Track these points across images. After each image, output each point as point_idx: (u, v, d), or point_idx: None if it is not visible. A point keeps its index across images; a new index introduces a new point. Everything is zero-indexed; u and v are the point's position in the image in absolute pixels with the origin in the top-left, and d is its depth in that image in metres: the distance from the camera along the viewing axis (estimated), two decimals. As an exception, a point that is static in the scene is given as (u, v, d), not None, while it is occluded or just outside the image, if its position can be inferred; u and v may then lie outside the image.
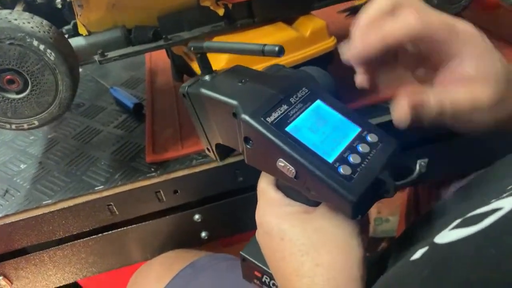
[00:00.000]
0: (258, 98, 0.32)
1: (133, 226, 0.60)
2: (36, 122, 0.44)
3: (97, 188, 0.56)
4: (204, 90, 0.34)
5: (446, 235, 0.21)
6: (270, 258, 0.33)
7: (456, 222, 0.22)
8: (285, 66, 0.39)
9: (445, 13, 0.30)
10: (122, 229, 0.60)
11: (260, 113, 0.30)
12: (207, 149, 0.40)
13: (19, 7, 0.49)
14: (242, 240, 0.48)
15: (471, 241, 0.20)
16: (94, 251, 0.61)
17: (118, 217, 0.58)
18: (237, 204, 0.62)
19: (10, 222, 0.54)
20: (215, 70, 0.37)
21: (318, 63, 0.43)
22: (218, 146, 0.39)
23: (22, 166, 0.62)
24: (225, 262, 0.59)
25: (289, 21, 0.55)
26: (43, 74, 0.41)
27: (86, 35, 0.49)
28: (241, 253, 0.40)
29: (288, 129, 0.30)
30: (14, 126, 0.44)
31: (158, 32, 0.51)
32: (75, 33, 0.51)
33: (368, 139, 0.31)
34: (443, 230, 0.23)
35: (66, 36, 0.50)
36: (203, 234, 0.63)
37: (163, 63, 0.78)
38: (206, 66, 0.36)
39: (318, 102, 0.33)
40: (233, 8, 0.52)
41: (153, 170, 0.57)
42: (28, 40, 0.39)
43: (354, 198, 0.27)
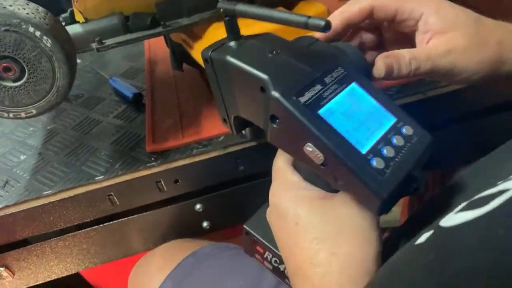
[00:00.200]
0: (290, 74, 0.29)
1: (134, 216, 0.60)
2: (34, 111, 0.44)
3: (97, 178, 0.56)
4: (230, 58, 0.31)
5: (452, 218, 0.21)
6: (282, 241, 0.32)
7: (462, 205, 0.22)
8: (318, 39, 0.36)
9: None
10: (123, 219, 0.59)
11: (292, 91, 0.28)
12: (224, 119, 0.37)
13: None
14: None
15: (478, 224, 0.19)
16: (96, 242, 0.61)
17: (119, 207, 0.57)
18: (238, 193, 0.61)
19: (10, 213, 0.54)
20: (243, 35, 0.33)
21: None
22: (236, 118, 0.36)
23: (22, 157, 0.62)
24: (228, 251, 0.59)
25: (289, 6, 0.54)
26: (40, 61, 0.41)
27: (83, 23, 0.49)
28: (244, 226, 0.39)
29: (321, 112, 0.28)
30: (11, 115, 0.44)
31: (156, 19, 0.50)
32: (72, 20, 0.50)
33: (403, 131, 0.29)
34: (449, 213, 0.22)
35: (63, 23, 0.49)
36: (205, 224, 0.63)
37: (163, 53, 0.77)
38: (234, 31, 0.32)
39: (353, 84, 0.30)
40: (232, -7, 0.51)
41: (153, 159, 0.56)
42: (23, 26, 0.39)
43: (385, 194, 0.26)
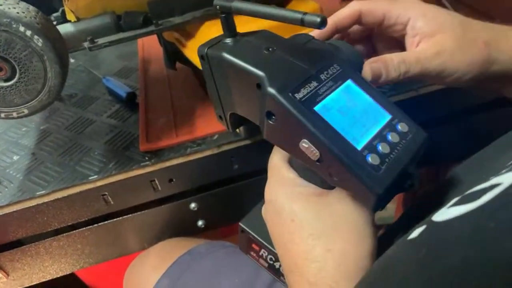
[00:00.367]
0: (286, 71, 0.30)
1: (128, 215, 0.59)
2: (25, 111, 0.43)
3: (91, 178, 0.55)
4: (226, 55, 0.31)
5: (444, 213, 0.21)
6: (277, 238, 0.32)
7: (455, 200, 0.22)
8: (314, 37, 0.36)
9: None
10: (118, 219, 0.59)
11: (288, 88, 0.28)
12: (220, 116, 0.38)
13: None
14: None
15: (469, 218, 0.19)
16: (90, 242, 0.61)
17: (113, 206, 0.57)
18: (233, 192, 0.61)
19: (3, 213, 0.54)
20: (239, 32, 0.33)
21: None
22: (232, 115, 0.36)
23: (15, 158, 0.62)
24: (223, 249, 0.59)
25: (282, 4, 0.54)
26: (31, 61, 0.41)
27: (74, 22, 0.48)
28: (240, 223, 0.39)
29: (316, 108, 0.28)
30: (3, 115, 0.43)
31: (148, 17, 0.50)
32: (64, 19, 0.50)
33: (398, 128, 0.29)
34: (442, 208, 0.22)
35: (55, 23, 0.49)
36: (200, 223, 0.63)
37: (156, 52, 0.77)
38: (230, 28, 0.32)
39: (349, 82, 0.31)
40: (224, -9, 0.51)
41: (147, 159, 0.56)
42: (14, 25, 0.39)
43: (380, 190, 0.26)
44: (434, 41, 0.34)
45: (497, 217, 0.17)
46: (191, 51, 0.54)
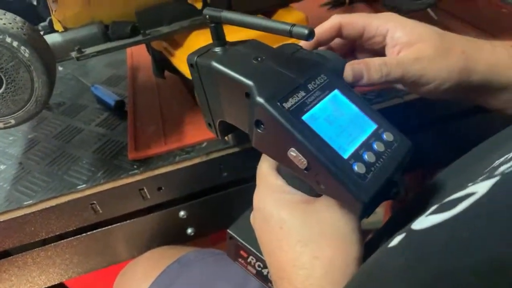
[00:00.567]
0: (275, 81, 0.30)
1: (117, 224, 0.59)
2: (12, 121, 0.43)
3: (79, 187, 0.55)
4: (216, 64, 0.31)
5: (423, 221, 0.21)
6: (265, 245, 0.33)
7: (433, 208, 0.22)
8: (302, 47, 0.37)
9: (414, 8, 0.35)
10: (107, 228, 0.59)
11: (276, 97, 0.29)
12: (209, 124, 0.38)
13: (-8, 4, 0.47)
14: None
15: (445, 227, 0.19)
16: (79, 251, 0.60)
17: (102, 215, 0.57)
18: (222, 199, 0.61)
19: (-10, 224, 0.53)
20: (228, 41, 0.34)
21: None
22: (221, 123, 0.37)
23: (2, 167, 0.61)
24: (212, 257, 0.59)
25: (268, 14, 0.55)
26: (18, 72, 0.41)
27: (62, 32, 0.48)
28: (228, 230, 0.39)
29: (304, 117, 0.28)
30: (-11, 126, 0.43)
31: (136, 27, 0.50)
32: (51, 29, 0.50)
33: (384, 138, 0.30)
34: (421, 216, 0.23)
35: (42, 33, 0.49)
36: (189, 231, 0.63)
37: (145, 60, 0.77)
38: (220, 37, 0.33)
39: (336, 91, 0.31)
40: (211, 1, 0.51)
41: (136, 167, 0.56)
42: (0, 37, 0.39)
43: (366, 199, 0.27)
44: (414, 48, 0.35)
45: (470, 226, 0.18)
46: (179, 60, 0.54)
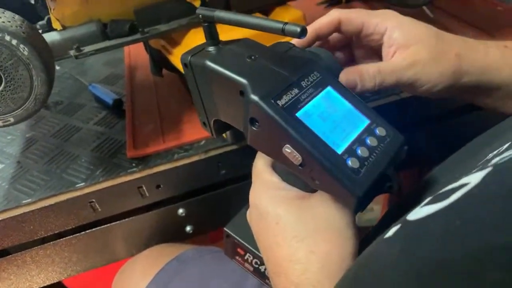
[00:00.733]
0: (268, 79, 0.30)
1: (116, 222, 0.59)
2: (11, 119, 0.43)
3: (78, 185, 0.55)
4: (210, 63, 0.32)
5: (418, 212, 0.22)
6: (262, 241, 0.33)
7: (428, 199, 0.23)
8: (295, 45, 0.37)
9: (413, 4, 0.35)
10: (106, 226, 0.59)
11: (270, 95, 0.29)
12: (204, 123, 0.38)
13: (-10, 3, 0.47)
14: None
15: (439, 216, 0.20)
16: (78, 249, 0.61)
17: (100, 214, 0.57)
18: (221, 197, 0.62)
19: (-11, 223, 0.53)
20: (221, 40, 0.34)
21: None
22: (216, 121, 0.37)
23: (0, 166, 0.61)
24: (210, 254, 0.60)
25: (266, 12, 0.56)
26: (17, 70, 0.41)
27: (60, 30, 0.49)
28: (224, 229, 0.40)
29: (298, 114, 0.29)
30: (-11, 124, 0.43)
31: (135, 25, 0.50)
32: (50, 28, 0.50)
33: (376, 133, 0.30)
34: (416, 208, 0.23)
35: (41, 31, 0.49)
36: (188, 228, 0.63)
37: (142, 59, 0.77)
38: (213, 36, 0.33)
39: (328, 88, 0.31)
40: (210, 0, 0.52)
41: (134, 165, 0.57)
42: (-1, 35, 0.39)
43: (360, 193, 0.27)
44: (409, 52, 0.35)
45: (463, 215, 0.18)
46: (177, 58, 0.54)
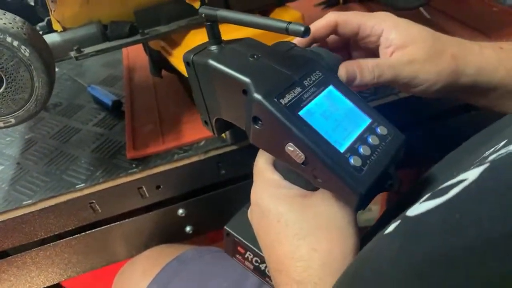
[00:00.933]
0: (271, 78, 0.30)
1: (116, 223, 0.60)
2: (12, 120, 0.44)
3: (78, 186, 0.55)
4: (212, 62, 0.32)
5: (417, 208, 0.22)
6: (263, 239, 0.33)
7: (427, 196, 0.23)
8: (296, 44, 0.37)
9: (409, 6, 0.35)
10: (106, 226, 0.59)
11: (273, 94, 0.29)
12: (205, 122, 0.38)
13: (-10, 5, 0.48)
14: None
15: (437, 211, 0.20)
16: (78, 251, 0.61)
17: (101, 214, 0.57)
18: (220, 197, 0.62)
19: (-11, 224, 0.53)
20: (223, 39, 0.34)
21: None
22: (217, 120, 0.37)
23: (0, 168, 0.61)
24: (210, 254, 0.60)
25: (265, 13, 0.56)
26: (18, 71, 0.41)
27: (61, 31, 0.49)
28: (225, 227, 0.40)
29: (301, 113, 0.29)
30: (-11, 125, 0.43)
31: (135, 27, 0.51)
32: (50, 30, 0.50)
33: (378, 132, 0.31)
34: (415, 204, 0.24)
35: (41, 33, 0.49)
36: (188, 229, 0.64)
37: (141, 60, 0.77)
38: (215, 36, 0.33)
39: (331, 87, 0.32)
40: (209, 1, 0.52)
41: (134, 166, 0.57)
42: (1, 36, 0.39)
43: (363, 191, 0.27)
44: (406, 51, 0.35)
45: (461, 209, 0.19)
46: (177, 59, 0.55)
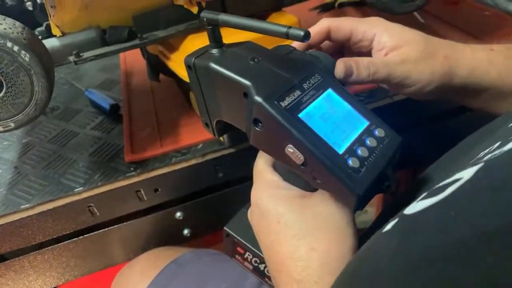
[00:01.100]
0: (271, 81, 0.31)
1: (114, 226, 0.60)
2: (12, 124, 0.44)
3: (76, 190, 0.56)
4: (214, 65, 0.32)
5: (414, 207, 0.23)
6: (263, 239, 0.34)
7: (423, 195, 0.24)
8: (295, 48, 0.38)
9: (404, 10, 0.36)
10: (104, 230, 0.60)
11: (273, 96, 0.30)
12: (206, 124, 0.39)
13: (-11, 10, 0.48)
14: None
15: (434, 209, 0.21)
16: (76, 254, 0.61)
17: (99, 218, 0.58)
18: (218, 200, 0.62)
19: (-13, 228, 0.53)
20: (224, 43, 0.35)
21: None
22: (218, 122, 0.38)
23: (-3, 172, 0.61)
24: (209, 256, 0.60)
25: (262, 18, 0.57)
26: (18, 76, 0.41)
27: (60, 36, 0.49)
28: (225, 228, 0.40)
29: (301, 115, 0.30)
30: (-11, 129, 0.44)
31: (133, 31, 0.51)
32: (48, 34, 0.51)
33: (376, 134, 0.31)
34: (412, 203, 0.24)
35: (40, 37, 0.49)
36: (186, 232, 0.64)
37: (138, 64, 0.78)
38: (217, 39, 0.34)
39: (329, 90, 0.32)
40: (206, 6, 0.53)
41: (132, 169, 0.57)
42: (1, 41, 0.39)
43: (361, 191, 0.28)
44: (400, 51, 0.36)
45: (456, 206, 0.20)
46: (175, 63, 0.55)
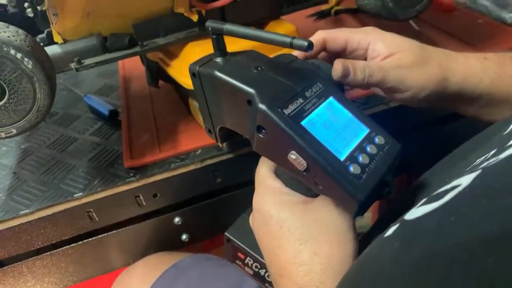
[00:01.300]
0: (275, 89, 0.32)
1: (113, 232, 0.60)
2: (14, 131, 0.44)
3: (76, 195, 0.56)
4: (218, 73, 0.33)
5: (414, 212, 0.24)
6: (265, 244, 0.34)
7: (423, 201, 0.25)
8: (297, 57, 0.39)
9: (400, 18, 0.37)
10: (103, 235, 0.60)
11: (277, 104, 0.30)
12: (209, 130, 0.40)
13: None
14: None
15: (434, 214, 0.22)
16: (75, 260, 0.61)
17: (98, 223, 0.58)
18: (216, 205, 0.63)
19: (-14, 234, 0.53)
20: (228, 52, 0.36)
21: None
22: (221, 129, 0.38)
23: (-4, 177, 0.61)
24: (208, 261, 0.60)
25: (260, 26, 0.58)
26: (21, 83, 0.42)
27: (61, 43, 0.50)
28: (225, 233, 0.41)
29: (303, 123, 0.30)
30: (-9, 135, 0.44)
31: (134, 39, 0.52)
32: (50, 41, 0.51)
33: (376, 141, 0.32)
34: (412, 208, 0.25)
35: (41, 44, 0.50)
36: (184, 237, 0.64)
37: (137, 70, 0.78)
38: (221, 48, 0.35)
39: (331, 98, 0.33)
40: (206, 14, 0.54)
41: (131, 175, 0.58)
42: (4, 49, 0.40)
43: (362, 197, 0.29)
44: (394, 57, 0.37)
45: (456, 212, 0.20)
46: (175, 70, 0.56)
